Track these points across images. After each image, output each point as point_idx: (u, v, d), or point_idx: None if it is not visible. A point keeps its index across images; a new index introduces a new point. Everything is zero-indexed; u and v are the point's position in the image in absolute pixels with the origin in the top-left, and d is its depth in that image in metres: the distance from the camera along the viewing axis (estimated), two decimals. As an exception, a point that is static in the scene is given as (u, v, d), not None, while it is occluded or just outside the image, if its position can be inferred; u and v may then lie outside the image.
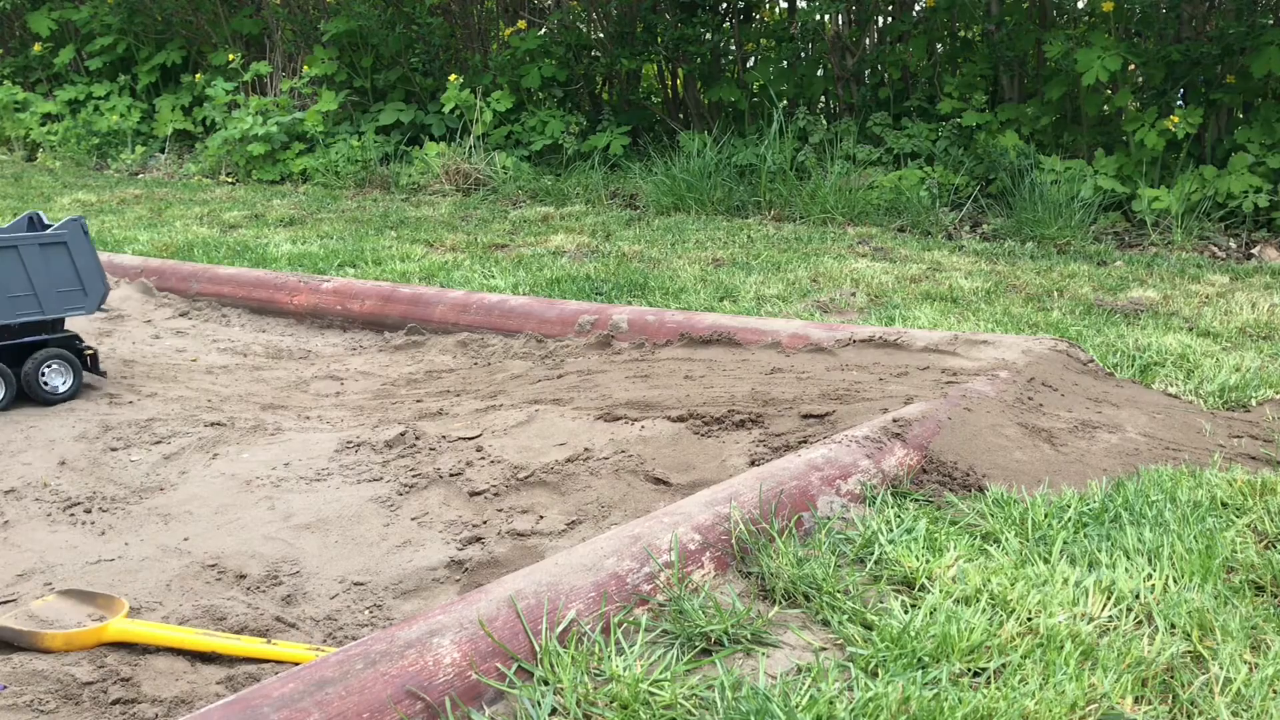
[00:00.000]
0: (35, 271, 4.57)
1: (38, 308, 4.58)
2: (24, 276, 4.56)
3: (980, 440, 3.48)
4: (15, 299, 4.53)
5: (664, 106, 11.49)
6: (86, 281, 4.69)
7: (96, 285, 4.72)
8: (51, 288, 4.62)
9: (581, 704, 2.08)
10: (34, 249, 4.57)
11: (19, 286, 4.54)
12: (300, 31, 12.30)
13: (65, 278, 4.65)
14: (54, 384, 4.58)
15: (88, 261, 4.68)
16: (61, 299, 4.64)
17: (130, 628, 2.63)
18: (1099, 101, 8.92)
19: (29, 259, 4.56)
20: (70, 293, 4.67)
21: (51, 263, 4.61)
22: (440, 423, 4.30)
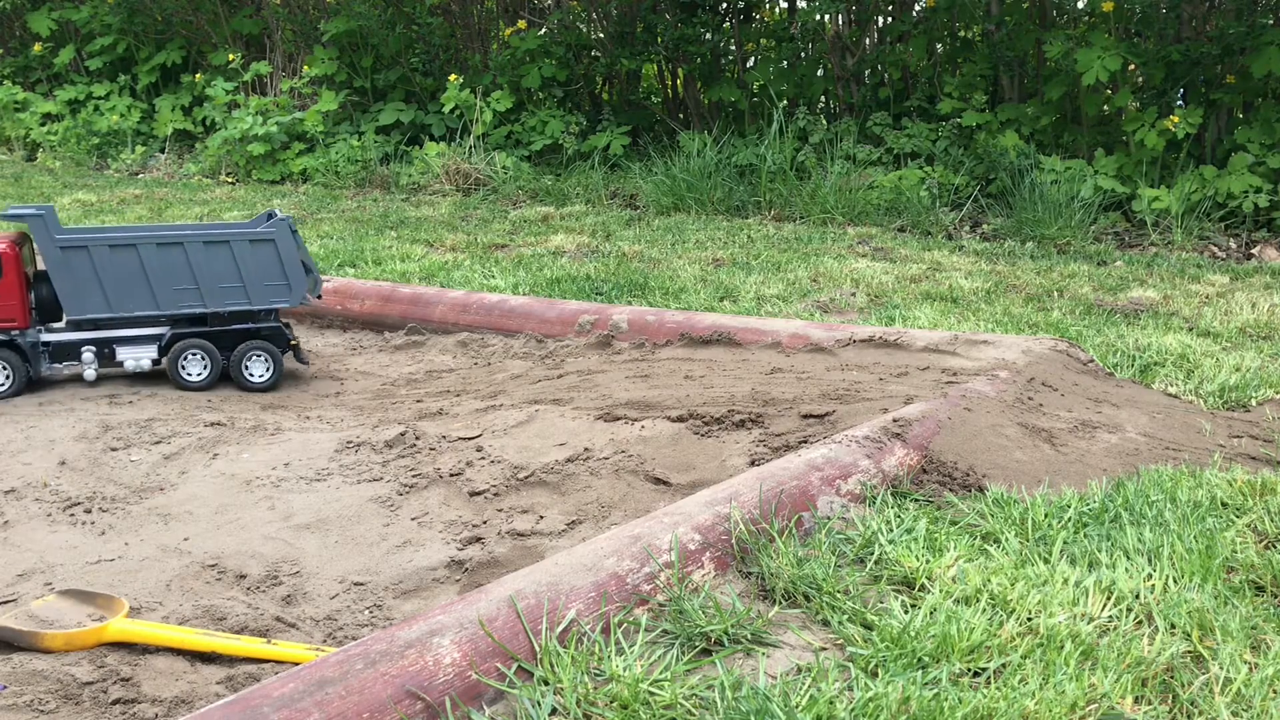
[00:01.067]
0: (245, 265, 4.94)
1: (245, 298, 4.98)
2: (234, 269, 4.94)
3: (980, 440, 3.48)
4: (225, 289, 4.93)
5: (664, 106, 11.49)
6: (291, 276, 4.99)
7: (300, 280, 5.01)
8: (259, 280, 4.97)
9: (581, 704, 2.08)
10: (245, 244, 4.95)
11: (230, 278, 4.94)
12: (300, 31, 12.30)
13: (271, 272, 4.98)
14: (257, 372, 4.97)
15: (291, 257, 4.99)
16: (268, 291, 5.00)
17: (130, 628, 2.63)
18: (1099, 101, 8.92)
19: (239, 253, 4.94)
20: (276, 286, 5.00)
21: (259, 257, 4.96)
22: (440, 423, 4.30)
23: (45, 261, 4.80)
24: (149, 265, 4.87)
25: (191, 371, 4.92)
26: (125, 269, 4.86)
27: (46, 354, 4.83)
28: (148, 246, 4.87)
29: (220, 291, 4.93)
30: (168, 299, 4.90)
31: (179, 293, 4.91)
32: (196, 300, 4.93)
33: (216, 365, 4.93)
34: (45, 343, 4.83)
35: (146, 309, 4.91)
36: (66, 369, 4.85)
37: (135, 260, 4.87)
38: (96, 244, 4.82)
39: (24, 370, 4.74)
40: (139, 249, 4.86)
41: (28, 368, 4.75)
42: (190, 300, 4.93)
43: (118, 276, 4.85)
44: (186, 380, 4.90)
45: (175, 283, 4.90)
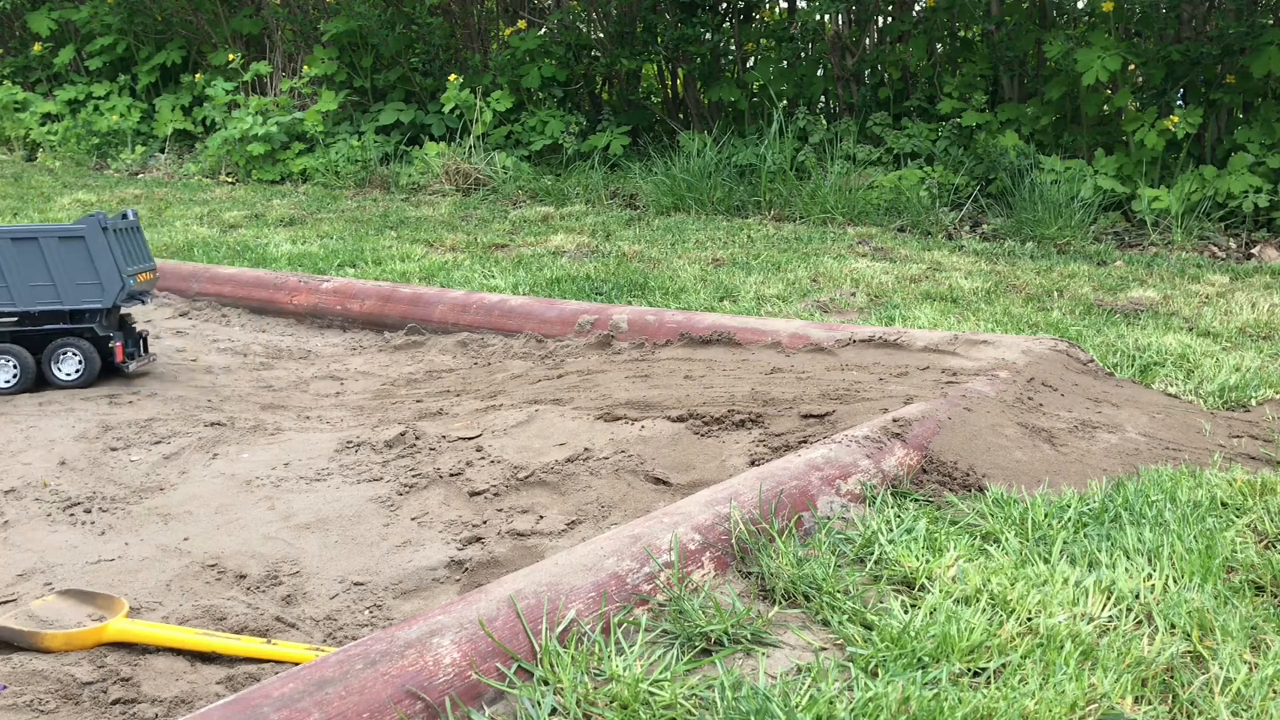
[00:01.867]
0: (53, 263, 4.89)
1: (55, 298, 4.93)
2: (44, 268, 4.91)
3: (980, 440, 3.48)
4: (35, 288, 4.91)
5: (664, 106, 11.49)
6: (102, 275, 4.91)
7: (112, 279, 4.92)
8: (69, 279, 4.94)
9: (581, 704, 2.08)
10: (54, 242, 4.89)
11: (40, 277, 4.89)
12: (300, 31, 12.30)
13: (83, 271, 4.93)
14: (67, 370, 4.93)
15: (103, 256, 4.92)
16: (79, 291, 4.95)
17: (130, 628, 2.63)
18: (1099, 101, 8.92)
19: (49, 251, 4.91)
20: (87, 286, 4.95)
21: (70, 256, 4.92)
22: (440, 423, 4.30)
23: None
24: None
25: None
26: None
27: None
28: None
29: (30, 291, 4.87)
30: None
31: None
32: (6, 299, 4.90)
33: (27, 368, 4.85)
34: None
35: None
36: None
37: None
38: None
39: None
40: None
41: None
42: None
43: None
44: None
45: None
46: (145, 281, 5.14)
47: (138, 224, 5.25)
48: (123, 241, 5.00)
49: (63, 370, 4.86)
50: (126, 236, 5.07)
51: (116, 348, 4.90)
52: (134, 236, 5.16)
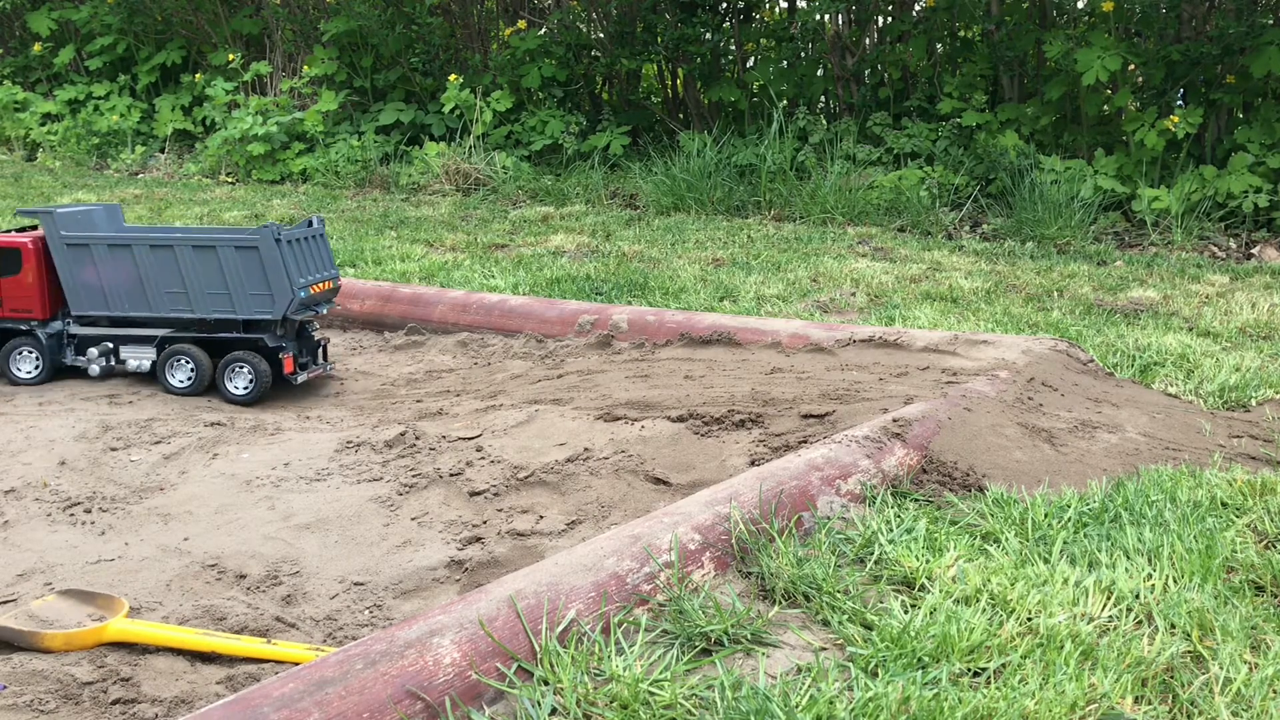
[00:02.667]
0: (230, 272, 4.81)
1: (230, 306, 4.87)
2: (220, 276, 4.83)
3: (980, 440, 3.48)
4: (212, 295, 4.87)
5: (664, 106, 11.49)
6: (274, 286, 4.80)
7: (283, 291, 4.78)
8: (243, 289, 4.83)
9: (581, 704, 2.08)
10: (230, 250, 4.82)
11: (216, 284, 4.84)
12: (300, 31, 12.30)
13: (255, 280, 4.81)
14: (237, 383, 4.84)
15: (275, 266, 4.79)
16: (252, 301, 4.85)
17: (130, 628, 2.63)
18: (1099, 101, 8.92)
19: (225, 259, 4.82)
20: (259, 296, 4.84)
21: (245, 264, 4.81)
22: (440, 423, 4.30)
23: (55, 258, 4.92)
24: (142, 267, 4.87)
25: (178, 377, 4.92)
26: (123, 269, 4.89)
27: (72, 346, 4.99)
28: (141, 247, 4.87)
29: (207, 298, 4.87)
30: (160, 302, 4.91)
31: (171, 296, 4.89)
32: (185, 305, 4.91)
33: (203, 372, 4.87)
34: (72, 335, 4.98)
35: (141, 310, 4.92)
36: (85, 361, 4.94)
37: (131, 261, 4.88)
38: (99, 242, 4.88)
39: (44, 359, 4.94)
40: (134, 249, 4.87)
41: (50, 358, 4.93)
42: (180, 305, 4.91)
43: (115, 276, 4.89)
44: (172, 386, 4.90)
45: (167, 286, 4.88)
46: (322, 292, 5.01)
47: (322, 231, 5.11)
48: (301, 251, 4.91)
49: (235, 385, 4.80)
50: (307, 245, 4.96)
51: (285, 360, 4.80)
52: (316, 245, 5.04)
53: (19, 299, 4.95)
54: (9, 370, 4.98)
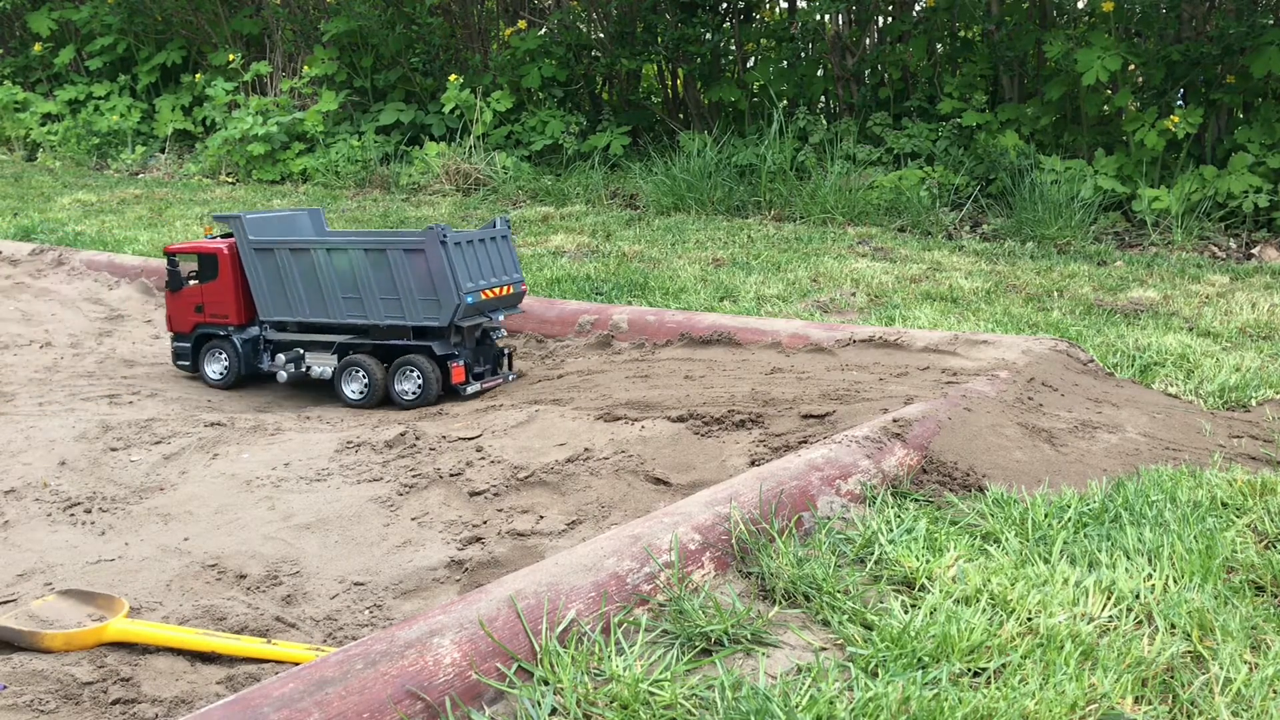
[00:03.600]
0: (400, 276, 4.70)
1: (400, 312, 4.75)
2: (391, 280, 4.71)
3: (980, 440, 3.48)
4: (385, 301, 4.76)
5: (664, 106, 11.49)
6: (440, 291, 4.66)
7: (449, 295, 4.64)
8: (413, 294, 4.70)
9: (581, 704, 2.08)
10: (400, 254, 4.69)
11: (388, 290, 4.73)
12: (300, 31, 12.30)
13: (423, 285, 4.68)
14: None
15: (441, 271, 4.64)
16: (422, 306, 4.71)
17: (130, 628, 2.63)
18: (1099, 101, 8.92)
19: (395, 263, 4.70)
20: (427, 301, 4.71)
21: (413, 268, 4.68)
22: (440, 423, 4.30)
23: (244, 263, 4.96)
24: (321, 272, 4.78)
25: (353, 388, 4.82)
26: (304, 274, 4.82)
27: (268, 351, 5.05)
28: (320, 251, 4.79)
29: (380, 304, 4.74)
30: (337, 308, 4.82)
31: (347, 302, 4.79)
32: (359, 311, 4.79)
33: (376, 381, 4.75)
34: (268, 340, 5.03)
35: (320, 316, 4.87)
36: (275, 367, 4.96)
37: (311, 266, 4.80)
38: (281, 246, 4.85)
39: (237, 363, 5.01)
40: (313, 253, 4.80)
41: (242, 362, 5.01)
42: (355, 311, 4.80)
43: (297, 281, 4.84)
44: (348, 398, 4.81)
45: (344, 290, 4.79)
46: (497, 298, 4.81)
47: (506, 233, 4.93)
48: (474, 254, 4.73)
49: (403, 388, 4.73)
50: (483, 248, 4.79)
51: (454, 369, 4.69)
52: (496, 247, 4.87)
53: (217, 304, 5.03)
54: (202, 370, 5.08)
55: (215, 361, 5.06)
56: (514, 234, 8.32)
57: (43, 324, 6.14)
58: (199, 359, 5.09)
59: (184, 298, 5.14)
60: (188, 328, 5.13)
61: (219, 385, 5.04)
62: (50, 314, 6.39)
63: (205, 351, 5.07)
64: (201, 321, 5.08)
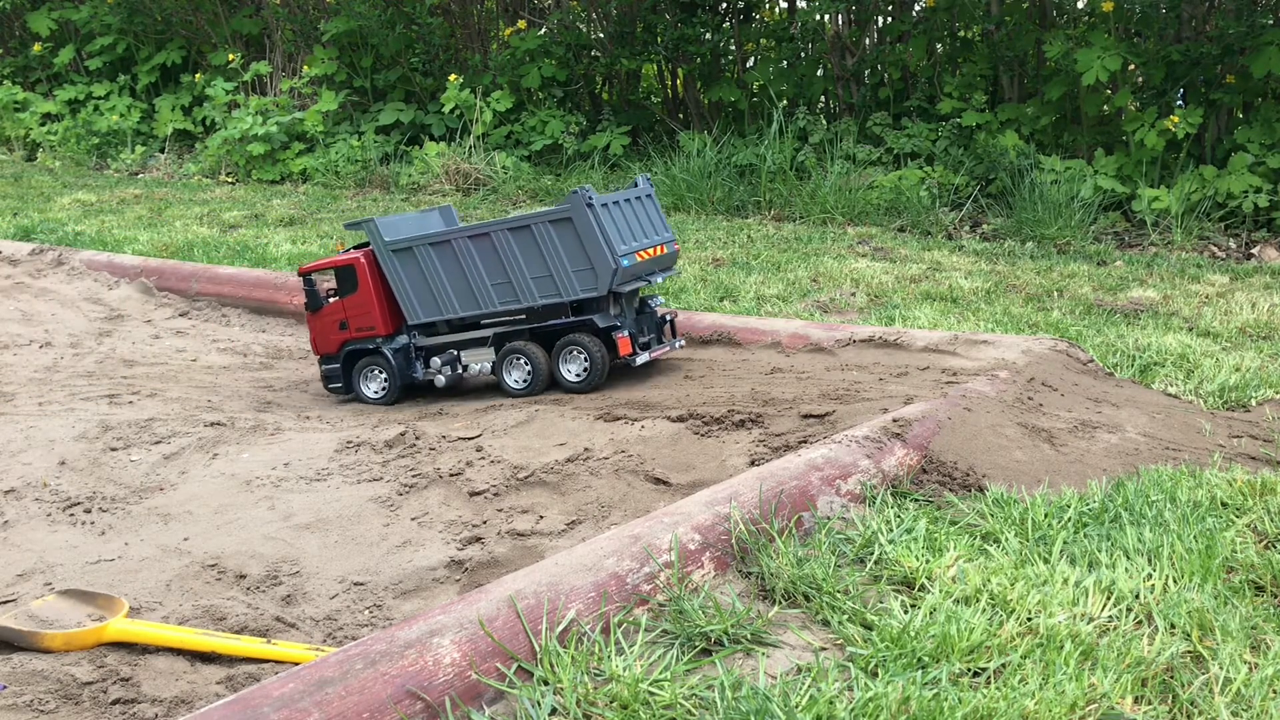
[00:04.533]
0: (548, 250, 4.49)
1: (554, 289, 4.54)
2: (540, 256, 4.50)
3: (980, 440, 3.48)
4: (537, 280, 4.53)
5: (664, 106, 11.49)
6: (594, 259, 4.44)
7: (604, 262, 4.43)
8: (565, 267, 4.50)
9: (581, 704, 2.08)
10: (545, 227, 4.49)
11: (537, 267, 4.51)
12: (300, 31, 12.30)
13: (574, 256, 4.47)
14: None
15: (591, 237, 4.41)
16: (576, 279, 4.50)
17: (130, 628, 2.63)
18: (1099, 101, 8.91)
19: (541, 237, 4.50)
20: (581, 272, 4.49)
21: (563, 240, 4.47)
22: (440, 423, 4.30)
23: (383, 267, 4.78)
24: (465, 262, 4.60)
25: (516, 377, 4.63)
26: (448, 268, 4.64)
27: (420, 359, 4.87)
28: (461, 240, 4.60)
29: (532, 284, 4.54)
30: (486, 296, 4.63)
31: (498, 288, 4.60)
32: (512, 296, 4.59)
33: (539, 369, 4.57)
34: (419, 348, 4.85)
35: (471, 309, 4.68)
36: (431, 372, 4.78)
37: (454, 258, 4.62)
38: (419, 243, 4.68)
39: (394, 377, 4.81)
40: (454, 244, 4.61)
41: (398, 374, 4.81)
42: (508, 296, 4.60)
43: (441, 276, 4.66)
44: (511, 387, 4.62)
45: (492, 277, 4.59)
46: (652, 259, 4.62)
47: (650, 191, 4.73)
48: (622, 215, 4.53)
49: (569, 370, 4.54)
50: (630, 208, 4.59)
51: (620, 340, 4.47)
52: (642, 207, 4.67)
53: (362, 317, 4.84)
54: (359, 391, 4.89)
55: (372, 380, 4.87)
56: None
57: (43, 324, 6.14)
58: (352, 379, 4.90)
59: (326, 316, 4.94)
60: (334, 347, 4.93)
61: (379, 403, 4.83)
62: (50, 314, 6.39)
63: (359, 370, 4.88)
64: (348, 338, 4.88)
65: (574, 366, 4.53)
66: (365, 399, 4.88)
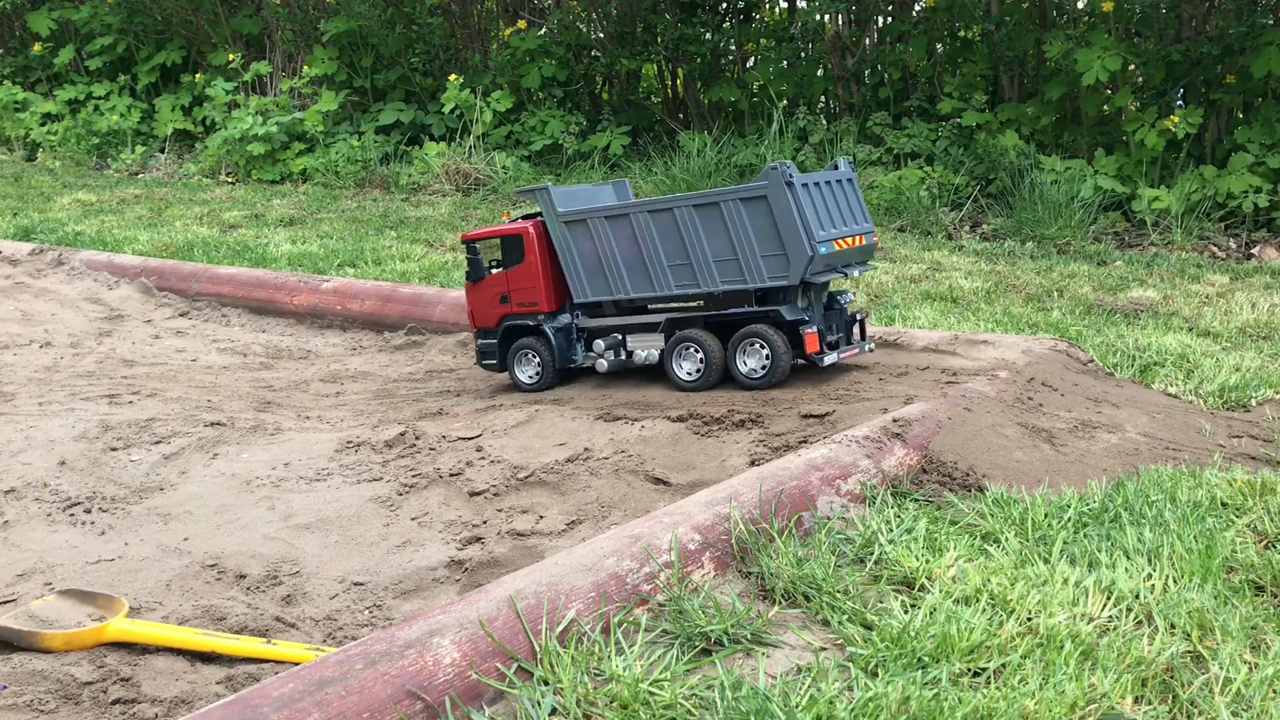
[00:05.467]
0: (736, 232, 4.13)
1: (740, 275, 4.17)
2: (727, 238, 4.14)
3: (980, 440, 3.48)
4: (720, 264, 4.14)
5: (664, 106, 11.49)
6: (788, 244, 4.04)
7: (799, 249, 4.03)
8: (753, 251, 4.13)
9: (581, 704, 2.08)
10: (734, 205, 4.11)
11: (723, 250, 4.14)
12: (300, 31, 12.30)
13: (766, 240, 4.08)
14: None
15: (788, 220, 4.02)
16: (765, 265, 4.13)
17: (130, 628, 2.63)
18: (1099, 101, 8.92)
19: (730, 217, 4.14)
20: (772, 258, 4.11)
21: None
22: (440, 423, 4.30)
23: (554, 239, 4.45)
24: (643, 239, 4.24)
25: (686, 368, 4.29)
26: (623, 245, 4.30)
27: (581, 341, 4.55)
28: (640, 214, 4.25)
29: (714, 267, 4.18)
30: (664, 279, 4.27)
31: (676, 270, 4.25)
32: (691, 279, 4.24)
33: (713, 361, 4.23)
34: (581, 329, 4.54)
35: (645, 290, 4.33)
36: (593, 357, 4.48)
37: (631, 234, 4.28)
38: (595, 215, 4.33)
39: (551, 359, 4.51)
40: (632, 218, 4.26)
41: (557, 355, 4.50)
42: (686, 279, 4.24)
43: (615, 253, 4.33)
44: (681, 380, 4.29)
45: (671, 257, 4.24)
46: (852, 249, 4.22)
47: (852, 176, 4.35)
48: (822, 198, 4.16)
49: (747, 363, 4.18)
50: (830, 192, 4.22)
51: (808, 336, 4.09)
52: (843, 191, 4.30)
53: (525, 291, 4.51)
54: (512, 373, 4.60)
55: (526, 364, 4.60)
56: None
57: (43, 324, 6.14)
58: (508, 359, 4.63)
59: (487, 288, 4.64)
60: (492, 321, 4.65)
61: (532, 389, 4.56)
62: (50, 314, 6.39)
63: (515, 352, 4.60)
64: (508, 313, 4.59)
65: (753, 361, 4.18)
66: (519, 383, 4.61)
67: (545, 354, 4.51)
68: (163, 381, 5.06)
